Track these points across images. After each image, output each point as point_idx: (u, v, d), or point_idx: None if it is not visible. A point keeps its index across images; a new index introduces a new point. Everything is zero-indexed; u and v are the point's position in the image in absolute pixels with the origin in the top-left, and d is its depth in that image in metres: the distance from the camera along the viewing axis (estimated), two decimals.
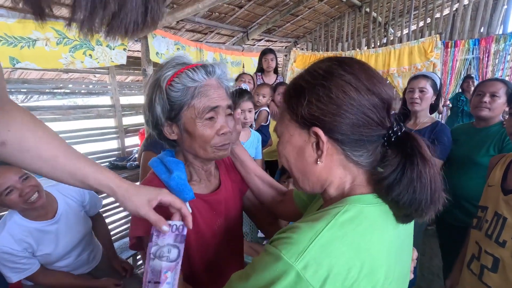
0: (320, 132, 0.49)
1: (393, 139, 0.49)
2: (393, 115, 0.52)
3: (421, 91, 1.71)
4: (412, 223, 0.58)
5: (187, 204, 0.74)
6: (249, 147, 1.95)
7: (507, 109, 1.55)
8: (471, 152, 1.62)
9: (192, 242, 0.76)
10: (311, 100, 0.49)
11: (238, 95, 1.80)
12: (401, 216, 0.50)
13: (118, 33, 0.32)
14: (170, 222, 0.62)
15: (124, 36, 0.33)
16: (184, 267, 0.71)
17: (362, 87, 0.48)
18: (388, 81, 3.43)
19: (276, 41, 4.68)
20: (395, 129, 0.50)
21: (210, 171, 0.82)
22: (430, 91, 1.72)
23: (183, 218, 0.63)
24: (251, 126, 2.08)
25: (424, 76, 1.75)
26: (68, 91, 2.63)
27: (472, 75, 3.34)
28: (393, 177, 0.47)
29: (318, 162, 0.51)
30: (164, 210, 0.63)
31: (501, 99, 1.54)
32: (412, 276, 0.60)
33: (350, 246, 0.44)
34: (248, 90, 1.97)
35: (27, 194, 1.24)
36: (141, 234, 0.71)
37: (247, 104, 1.85)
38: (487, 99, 1.56)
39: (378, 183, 0.50)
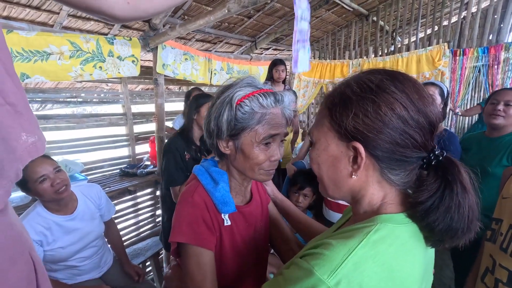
0: (361, 149, 0.48)
1: (433, 162, 0.48)
2: (436, 138, 0.50)
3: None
4: (433, 254, 0.58)
5: (227, 216, 0.77)
6: None
7: None
8: (483, 162, 1.61)
9: (228, 251, 0.78)
10: (358, 113, 0.48)
11: None
12: (433, 240, 0.49)
13: None
14: None
15: None
16: (217, 274, 0.74)
17: (412, 108, 0.46)
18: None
19: (283, 50, 4.73)
20: (436, 152, 0.48)
21: (247, 186, 0.85)
22: (438, 99, 1.72)
23: None
24: None
25: (433, 84, 1.76)
26: (81, 100, 2.71)
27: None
28: (430, 202, 0.46)
29: (353, 176, 0.50)
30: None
31: None
32: None
33: (383, 266, 0.44)
34: None
35: (57, 185, 1.36)
36: (183, 240, 0.71)
37: None
38: (501, 107, 1.56)
39: (413, 206, 0.48)
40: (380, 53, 4.05)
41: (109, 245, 1.84)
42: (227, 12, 1.83)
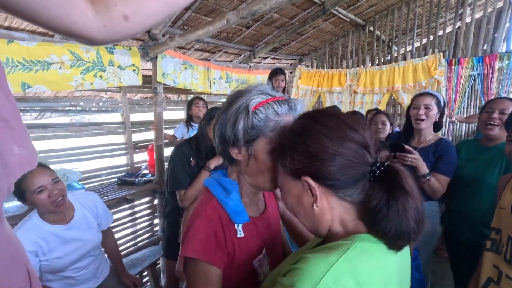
0: (310, 180, 0.54)
1: (377, 174, 0.53)
2: (374, 153, 0.56)
3: (427, 108, 1.72)
4: (408, 256, 0.62)
5: (240, 227, 0.76)
6: None
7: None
8: (479, 171, 1.61)
9: (240, 263, 0.76)
10: (293, 156, 0.56)
11: None
12: (392, 244, 0.53)
13: None
14: None
15: None
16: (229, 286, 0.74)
17: (335, 137, 0.53)
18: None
19: (281, 59, 4.79)
20: (378, 164, 0.54)
21: (259, 195, 0.85)
22: (435, 109, 1.73)
23: None
24: None
25: (429, 94, 1.77)
26: (80, 108, 2.72)
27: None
28: (379, 210, 0.51)
29: (315, 206, 0.56)
30: None
31: None
32: None
33: (358, 281, 0.47)
34: None
35: (54, 196, 1.35)
36: (194, 255, 0.70)
37: None
38: (496, 115, 1.57)
39: (366, 216, 0.54)
40: (377, 62, 4.11)
41: (106, 255, 1.81)
42: (226, 23, 1.87)
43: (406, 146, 1.58)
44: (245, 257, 0.77)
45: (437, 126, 1.81)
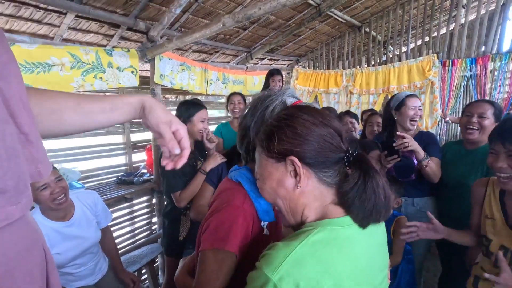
0: (296, 159, 0.60)
1: (351, 159, 0.61)
2: (347, 141, 0.65)
3: (420, 109, 1.86)
4: (384, 236, 0.68)
5: (266, 225, 0.79)
6: None
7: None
8: (463, 175, 1.64)
9: None
10: (281, 137, 0.61)
11: None
12: (363, 220, 0.60)
13: None
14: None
15: None
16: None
17: (318, 122, 0.62)
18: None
19: (278, 60, 4.84)
20: (351, 151, 0.62)
21: None
22: (422, 109, 1.89)
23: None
24: None
25: (417, 96, 1.93)
26: None
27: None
28: (356, 188, 0.58)
29: (298, 186, 0.61)
30: None
31: (489, 120, 1.57)
32: (389, 281, 0.70)
33: (319, 262, 0.52)
34: None
35: (56, 193, 1.41)
36: (229, 249, 0.71)
37: None
38: (475, 119, 1.59)
39: (344, 196, 0.60)
40: (372, 63, 4.16)
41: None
42: (222, 26, 1.92)
43: (398, 132, 1.67)
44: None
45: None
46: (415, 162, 1.69)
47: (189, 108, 1.88)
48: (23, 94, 0.39)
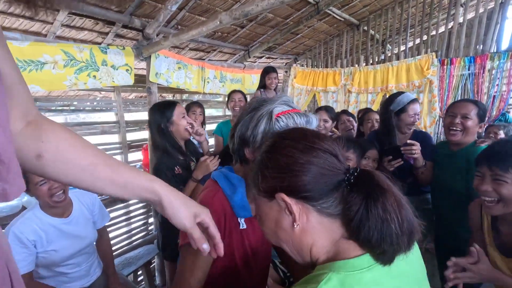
0: (284, 196, 0.51)
1: (352, 180, 0.51)
2: (344, 159, 0.55)
3: (418, 114, 1.84)
4: (421, 268, 0.57)
5: (243, 220, 0.81)
6: None
7: (479, 129, 1.54)
8: (450, 178, 1.60)
9: (238, 254, 0.82)
10: (264, 174, 0.55)
11: None
12: (381, 256, 0.48)
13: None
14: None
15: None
16: (224, 275, 0.78)
17: (302, 147, 0.53)
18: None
19: (276, 58, 4.80)
20: (351, 170, 0.52)
21: None
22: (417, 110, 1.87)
23: (214, 245, 0.61)
24: None
25: (417, 100, 1.89)
26: (74, 108, 2.71)
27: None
28: (360, 214, 0.48)
29: (295, 226, 0.52)
30: None
31: (473, 121, 1.52)
32: None
33: None
34: None
35: (55, 189, 1.41)
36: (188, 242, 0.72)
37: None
38: (458, 120, 1.54)
39: (348, 225, 0.50)
40: (371, 62, 4.14)
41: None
42: (219, 24, 1.88)
43: (409, 140, 1.65)
44: (242, 249, 0.83)
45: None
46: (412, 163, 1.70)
47: (163, 111, 1.74)
48: (2, 113, 0.36)
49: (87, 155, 0.53)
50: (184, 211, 0.56)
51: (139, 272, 2.68)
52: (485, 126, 3.29)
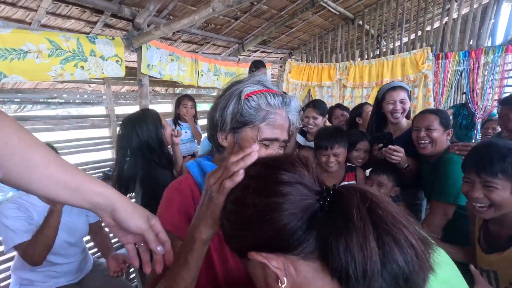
0: (252, 254, 0.43)
1: (326, 206, 0.41)
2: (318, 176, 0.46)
3: (402, 102, 1.75)
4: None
5: None
6: None
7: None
8: (431, 189, 1.55)
9: (211, 246, 0.75)
10: (228, 233, 0.49)
11: None
12: None
13: None
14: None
15: None
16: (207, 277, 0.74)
17: (256, 188, 0.45)
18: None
19: (271, 52, 4.74)
20: (324, 194, 0.42)
21: None
22: (408, 102, 1.77)
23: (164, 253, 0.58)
24: None
25: (402, 88, 1.78)
26: (62, 101, 2.62)
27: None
28: (335, 242, 0.37)
29: (280, 285, 0.42)
30: None
31: (437, 130, 1.49)
32: None
33: None
34: None
35: None
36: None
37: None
38: (423, 133, 1.51)
39: (324, 260, 0.40)
40: (366, 57, 4.12)
41: (93, 250, 1.78)
42: (212, 12, 1.81)
43: (395, 146, 1.56)
44: (214, 239, 0.77)
45: (407, 114, 1.84)
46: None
47: (147, 123, 1.59)
48: None
49: (39, 153, 0.48)
50: (138, 213, 0.56)
51: (131, 270, 2.62)
52: (479, 125, 3.30)
